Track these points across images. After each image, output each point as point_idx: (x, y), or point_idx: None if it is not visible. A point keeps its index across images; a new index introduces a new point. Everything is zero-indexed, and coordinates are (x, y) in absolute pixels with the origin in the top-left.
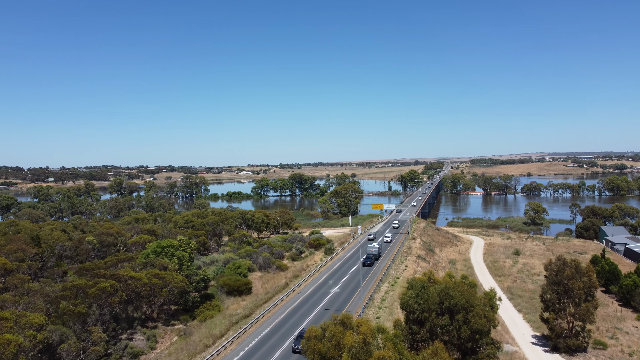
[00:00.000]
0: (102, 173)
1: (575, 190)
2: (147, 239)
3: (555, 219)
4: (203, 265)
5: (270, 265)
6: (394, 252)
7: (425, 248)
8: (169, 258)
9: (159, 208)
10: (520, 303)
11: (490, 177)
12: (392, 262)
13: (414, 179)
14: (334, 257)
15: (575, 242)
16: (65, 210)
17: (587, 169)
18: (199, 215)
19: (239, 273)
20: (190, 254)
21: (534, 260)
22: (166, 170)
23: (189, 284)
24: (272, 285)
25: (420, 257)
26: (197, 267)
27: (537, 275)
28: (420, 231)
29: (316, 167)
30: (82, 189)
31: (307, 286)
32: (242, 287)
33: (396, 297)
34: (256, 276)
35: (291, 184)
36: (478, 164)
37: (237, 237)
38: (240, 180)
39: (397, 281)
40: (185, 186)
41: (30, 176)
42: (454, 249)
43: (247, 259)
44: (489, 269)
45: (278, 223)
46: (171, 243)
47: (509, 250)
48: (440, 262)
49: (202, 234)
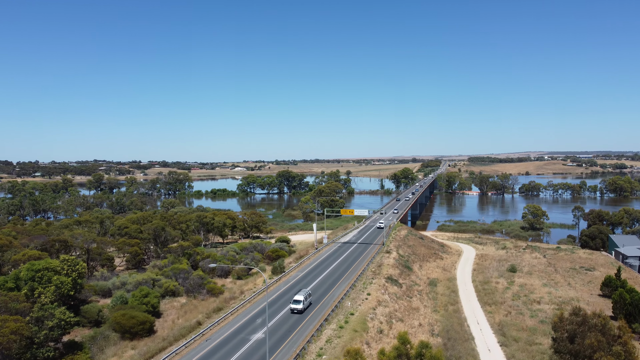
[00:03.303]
0: (93, 168)
1: (576, 191)
2: (33, 255)
3: (556, 223)
4: (113, 289)
5: (201, 288)
6: (359, 270)
7: (401, 265)
8: (44, 285)
9: (130, 206)
10: (515, 354)
11: (487, 176)
12: (351, 287)
13: (407, 177)
14: (282, 279)
15: (580, 254)
16: (26, 208)
17: (587, 168)
18: (145, 219)
19: (145, 303)
20: (76, 278)
21: (532, 279)
22: (159, 166)
23: (39, 331)
24: (187, 320)
25: (390, 280)
26: (106, 289)
27: (538, 303)
28: (399, 241)
29: (312, 164)
30: (59, 184)
31: (226, 326)
32: (136, 327)
33: (341, 349)
34: (177, 304)
35: (279, 181)
36: (476, 162)
37: (174, 248)
38: (234, 176)
39: (349, 320)
40: (167, 182)
41: (17, 170)
42: (438, 264)
43: (172, 279)
44: (478, 294)
45: (247, 226)
46: (49, 265)
47: (504, 265)
48: (416, 285)
49: (134, 244)
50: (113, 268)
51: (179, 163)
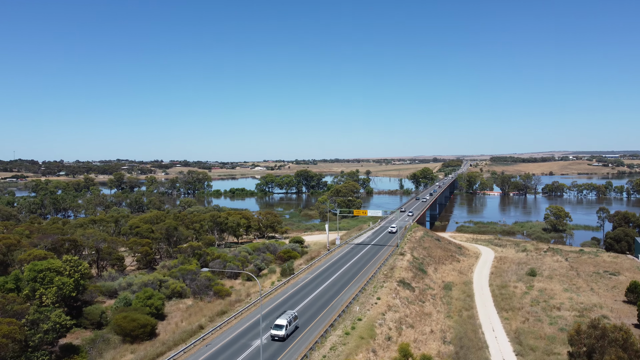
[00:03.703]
0: (116, 167)
1: (602, 192)
2: (39, 254)
3: (580, 225)
4: (119, 289)
5: (209, 290)
6: (370, 273)
7: (415, 267)
8: (45, 286)
9: (149, 205)
10: None
11: (509, 176)
12: (361, 290)
13: (427, 177)
14: (290, 281)
15: (604, 258)
16: (47, 206)
17: (613, 168)
18: (158, 218)
19: (148, 305)
20: (78, 279)
21: (553, 284)
22: (180, 165)
23: (34, 335)
24: (191, 323)
25: (402, 283)
26: (112, 290)
27: (558, 310)
28: (414, 243)
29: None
30: (81, 183)
31: (228, 330)
32: (136, 330)
33: (345, 356)
34: (182, 306)
35: (297, 180)
36: (498, 162)
37: (184, 249)
38: (254, 175)
39: (356, 325)
40: (186, 182)
41: (43, 169)
42: (454, 267)
43: (180, 279)
44: (494, 298)
45: (262, 226)
46: (52, 265)
47: (523, 269)
48: (430, 289)
49: (145, 243)
50: (123, 268)
51: (200, 162)
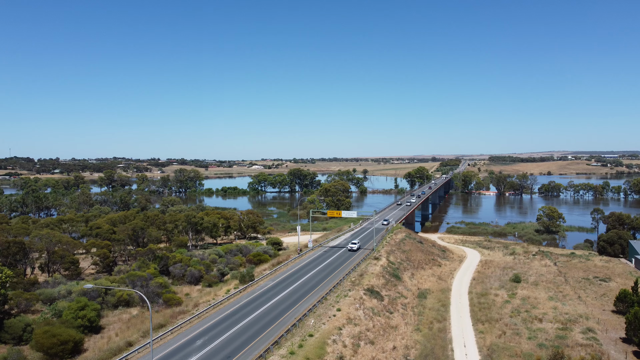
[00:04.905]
0: (112, 165)
1: (599, 192)
2: None
3: (574, 226)
4: (58, 297)
5: (159, 298)
6: (337, 279)
7: (388, 273)
8: None
9: (134, 204)
10: None
11: (505, 176)
12: (321, 300)
13: (422, 176)
14: (248, 288)
15: (596, 262)
16: (30, 205)
17: (612, 168)
18: (126, 218)
19: (81, 317)
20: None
21: (538, 291)
22: (177, 163)
23: None
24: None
25: (370, 291)
26: (52, 298)
27: (539, 321)
28: (393, 246)
29: (330, 163)
30: (71, 181)
31: (160, 347)
32: (55, 347)
33: None
34: (126, 317)
35: (290, 179)
36: (497, 161)
37: (142, 252)
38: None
39: (304, 343)
40: (178, 180)
41: (37, 167)
42: (434, 272)
43: (129, 286)
44: (472, 308)
45: (244, 226)
46: None
47: (508, 274)
48: (402, 297)
49: (104, 245)
50: (78, 273)
51: (197, 161)
